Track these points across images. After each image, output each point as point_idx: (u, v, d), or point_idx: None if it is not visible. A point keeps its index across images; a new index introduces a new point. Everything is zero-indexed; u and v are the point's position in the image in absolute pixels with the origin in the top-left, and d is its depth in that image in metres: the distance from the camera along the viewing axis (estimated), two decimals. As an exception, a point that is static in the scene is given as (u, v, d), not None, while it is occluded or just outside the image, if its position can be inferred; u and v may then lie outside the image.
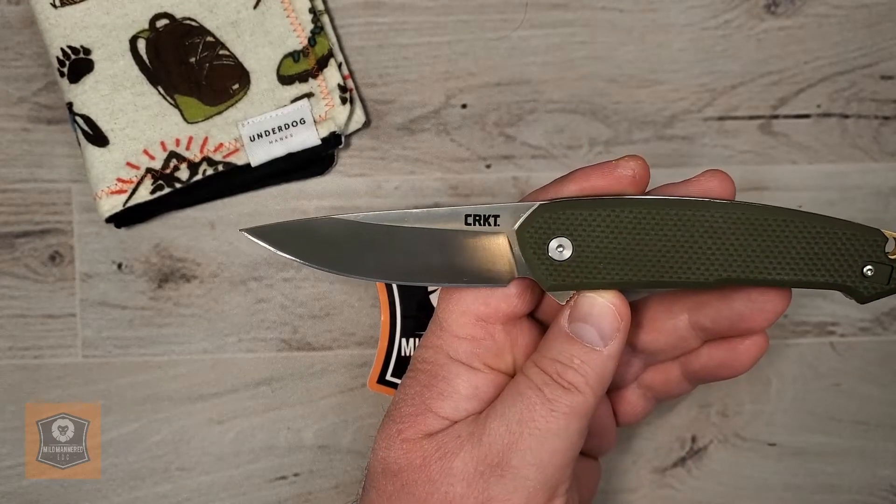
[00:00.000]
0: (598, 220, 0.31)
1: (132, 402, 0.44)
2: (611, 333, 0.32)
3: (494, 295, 0.33)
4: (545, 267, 0.32)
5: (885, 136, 0.45)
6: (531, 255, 0.32)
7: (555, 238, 0.32)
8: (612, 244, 0.31)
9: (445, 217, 0.32)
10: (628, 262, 0.31)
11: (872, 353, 0.45)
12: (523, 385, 0.32)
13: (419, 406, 0.33)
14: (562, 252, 0.32)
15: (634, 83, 0.44)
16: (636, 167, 0.32)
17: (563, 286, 0.32)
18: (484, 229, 0.32)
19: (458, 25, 0.44)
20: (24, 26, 0.43)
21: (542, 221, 0.32)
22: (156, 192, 0.42)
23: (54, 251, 0.44)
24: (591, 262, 0.32)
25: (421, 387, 0.33)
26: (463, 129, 0.44)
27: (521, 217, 0.32)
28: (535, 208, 0.32)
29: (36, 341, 0.44)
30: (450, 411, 0.33)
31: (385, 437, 0.33)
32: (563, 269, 0.32)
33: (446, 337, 0.33)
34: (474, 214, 0.32)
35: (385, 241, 0.32)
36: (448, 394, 0.33)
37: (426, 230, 0.32)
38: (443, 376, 0.33)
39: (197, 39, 0.42)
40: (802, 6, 0.45)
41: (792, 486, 0.46)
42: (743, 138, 0.45)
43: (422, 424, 0.33)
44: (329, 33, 0.43)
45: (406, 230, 0.32)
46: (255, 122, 0.42)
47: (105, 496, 0.44)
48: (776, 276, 0.31)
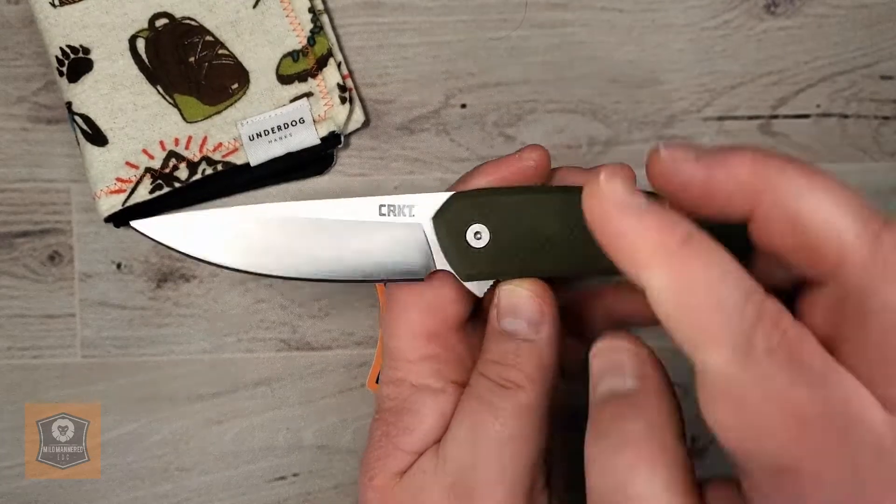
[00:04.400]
0: (509, 207, 0.31)
1: (131, 402, 0.44)
2: (539, 318, 0.30)
3: (436, 304, 0.32)
4: (462, 255, 0.31)
5: (885, 136, 0.45)
6: (448, 243, 0.31)
7: (472, 225, 0.31)
8: (524, 231, 0.31)
9: (358, 208, 0.31)
10: (538, 249, 0.31)
11: (872, 354, 0.45)
12: (467, 397, 0.31)
13: (386, 447, 0.32)
14: (479, 239, 0.31)
15: (634, 83, 0.44)
16: (537, 157, 0.32)
17: (481, 275, 0.31)
18: (399, 220, 0.31)
19: (457, 25, 0.44)
20: (23, 25, 0.43)
21: (457, 209, 0.31)
22: (155, 191, 0.42)
23: (53, 251, 0.44)
24: (507, 250, 0.31)
25: (387, 426, 0.32)
26: (462, 129, 0.44)
27: (437, 206, 0.31)
28: (449, 197, 0.31)
29: (35, 341, 0.44)
30: (418, 444, 0.31)
31: (361, 485, 0.32)
32: (480, 257, 0.31)
33: (404, 366, 0.32)
34: (388, 204, 0.31)
35: (297, 233, 0.31)
36: (414, 426, 0.31)
37: (338, 221, 0.31)
38: (408, 409, 0.32)
39: (196, 39, 0.42)
40: (802, 6, 0.45)
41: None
42: (743, 138, 0.45)
43: (391, 466, 0.31)
44: (328, 33, 0.43)
45: (315, 222, 0.31)
46: (255, 121, 0.42)
47: (104, 496, 0.44)
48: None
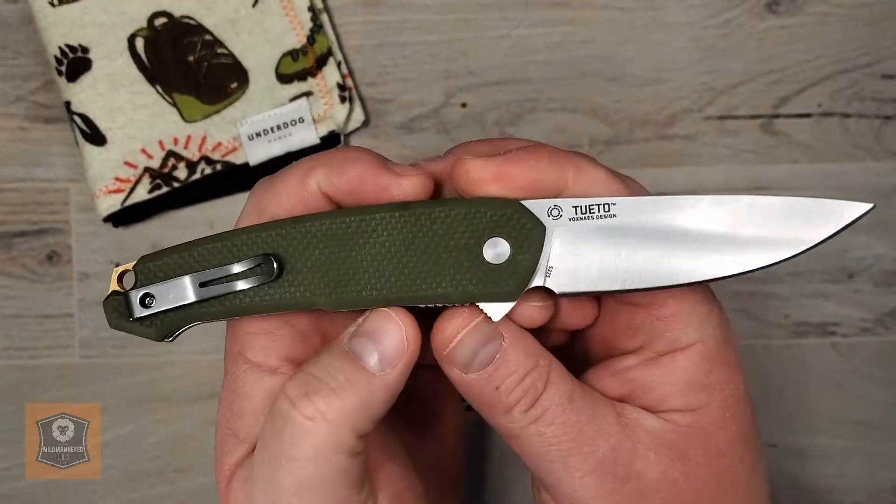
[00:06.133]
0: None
1: (129, 402, 0.44)
2: (393, 359, 0.26)
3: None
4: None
5: (887, 135, 0.45)
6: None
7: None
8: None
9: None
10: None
11: (874, 354, 0.45)
12: (277, 402, 0.27)
13: (223, 431, 0.29)
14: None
15: (635, 82, 0.44)
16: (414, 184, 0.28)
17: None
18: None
19: (457, 24, 0.44)
20: (21, 25, 0.43)
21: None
22: (154, 191, 0.42)
23: (52, 251, 0.43)
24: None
25: (223, 406, 0.29)
26: (463, 129, 0.44)
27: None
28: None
29: (33, 341, 0.43)
30: (249, 429, 0.28)
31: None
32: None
33: (241, 337, 0.29)
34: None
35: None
36: (245, 410, 0.28)
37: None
38: (238, 389, 0.28)
39: (195, 38, 0.42)
40: (804, 5, 0.44)
41: (793, 488, 0.45)
42: (744, 137, 0.44)
43: (227, 459, 0.28)
44: (328, 32, 0.43)
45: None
46: (254, 120, 0.42)
47: (102, 497, 0.44)
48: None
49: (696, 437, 0.28)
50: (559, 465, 0.27)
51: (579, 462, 0.27)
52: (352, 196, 0.27)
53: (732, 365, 0.29)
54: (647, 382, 0.28)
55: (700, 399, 0.28)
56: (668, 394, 0.28)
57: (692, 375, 0.28)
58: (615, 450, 0.27)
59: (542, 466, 0.28)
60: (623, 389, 0.29)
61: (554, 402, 0.27)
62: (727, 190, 0.44)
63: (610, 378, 0.29)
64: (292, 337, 0.29)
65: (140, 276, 0.27)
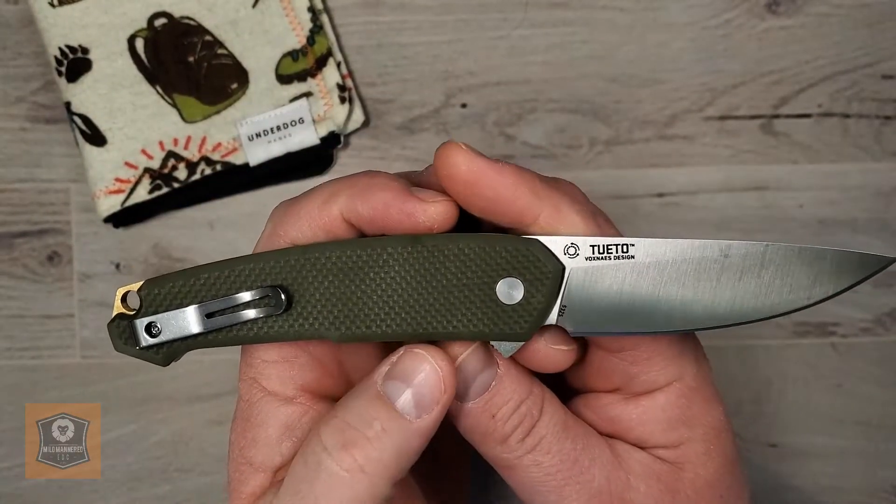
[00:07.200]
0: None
1: (131, 402, 0.44)
2: (429, 404, 0.26)
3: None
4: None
5: (887, 135, 0.45)
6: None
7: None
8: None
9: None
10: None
11: (874, 354, 0.45)
12: (310, 446, 0.26)
13: (237, 459, 0.28)
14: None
15: (635, 82, 0.44)
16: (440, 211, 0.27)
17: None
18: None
19: (457, 24, 0.44)
20: (22, 25, 0.43)
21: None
22: (154, 191, 0.42)
23: (52, 251, 0.43)
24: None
25: (235, 434, 0.28)
26: (463, 129, 0.44)
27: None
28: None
29: (34, 342, 0.43)
30: (263, 458, 0.27)
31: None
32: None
33: (256, 364, 0.28)
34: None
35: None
36: (259, 438, 0.27)
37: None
38: (253, 417, 0.28)
39: (195, 38, 0.42)
40: (803, 5, 0.44)
41: (793, 488, 0.45)
42: (744, 138, 0.44)
43: (242, 488, 0.28)
44: (328, 32, 0.43)
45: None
46: (254, 121, 0.42)
47: (103, 497, 0.44)
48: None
49: (683, 470, 0.28)
50: (554, 496, 0.27)
51: (575, 493, 0.27)
52: (375, 223, 0.26)
53: (710, 397, 0.28)
54: (627, 421, 0.28)
55: (682, 435, 0.28)
56: (649, 432, 0.28)
57: (671, 413, 0.28)
58: (609, 480, 0.27)
59: (537, 497, 0.27)
60: (605, 426, 0.28)
61: (550, 431, 0.27)
62: (727, 190, 0.44)
63: (590, 413, 0.29)
64: (309, 365, 0.28)
65: (145, 303, 0.27)
